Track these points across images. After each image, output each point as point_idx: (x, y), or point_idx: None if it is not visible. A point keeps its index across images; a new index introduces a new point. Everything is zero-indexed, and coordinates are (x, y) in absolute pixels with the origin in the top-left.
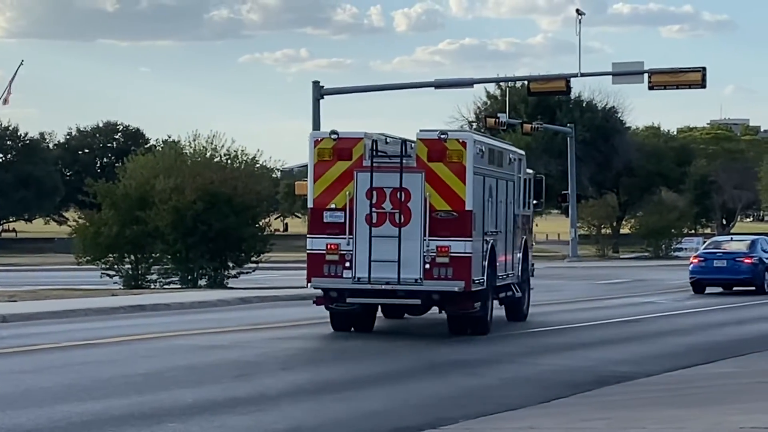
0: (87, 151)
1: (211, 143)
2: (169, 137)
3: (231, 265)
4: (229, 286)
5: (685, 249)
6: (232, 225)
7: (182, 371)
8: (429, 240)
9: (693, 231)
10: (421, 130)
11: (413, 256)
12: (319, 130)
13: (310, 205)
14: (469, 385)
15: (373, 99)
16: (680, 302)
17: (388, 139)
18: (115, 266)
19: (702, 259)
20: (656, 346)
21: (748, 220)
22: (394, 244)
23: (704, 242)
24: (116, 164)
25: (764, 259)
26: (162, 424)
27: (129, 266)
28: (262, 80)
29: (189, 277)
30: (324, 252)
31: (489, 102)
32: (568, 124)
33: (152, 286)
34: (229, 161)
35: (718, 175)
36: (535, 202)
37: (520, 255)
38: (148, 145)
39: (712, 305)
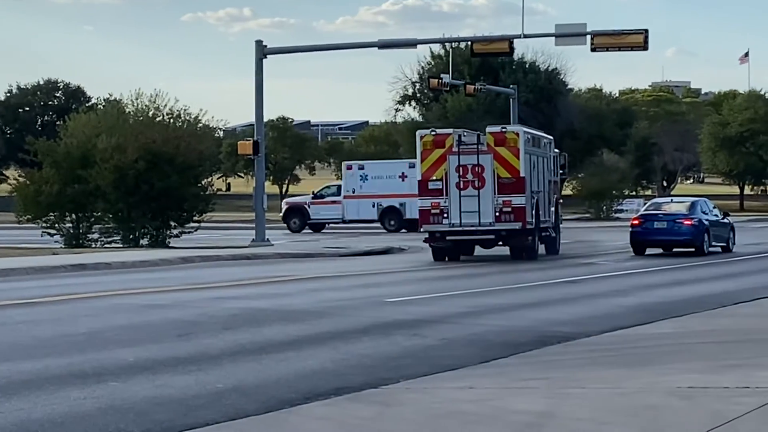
0: (27, 108)
1: (154, 102)
2: (111, 96)
3: (173, 224)
4: (170, 245)
5: (626, 210)
6: (174, 184)
7: (124, 330)
8: (498, 197)
9: (634, 193)
10: (489, 126)
11: (488, 208)
12: (262, 90)
13: (418, 178)
14: (411, 345)
15: (317, 59)
16: (621, 263)
17: (467, 133)
18: (56, 225)
19: (642, 220)
20: (596, 307)
21: (688, 182)
22: (475, 201)
23: (645, 204)
24: (57, 122)
25: (704, 221)
26: (103, 383)
27: (70, 225)
28: (204, 39)
29: (130, 237)
30: (429, 208)
31: (433, 63)
32: (511, 86)
33: (93, 245)
34: (171, 120)
35: (659, 138)
36: (561, 171)
37: (553, 208)
38: (90, 103)
39: (652, 266)
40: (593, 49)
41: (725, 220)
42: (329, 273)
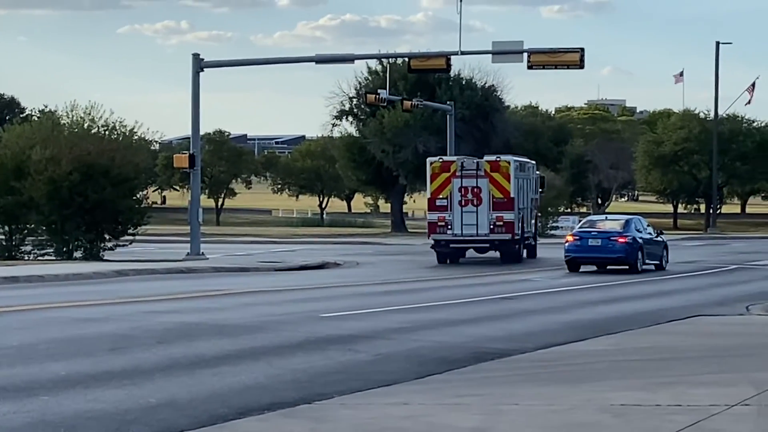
0: None
1: (89, 114)
2: (46, 107)
3: (107, 237)
4: (105, 258)
5: (561, 228)
6: (109, 197)
7: (56, 344)
8: (492, 213)
9: (569, 210)
10: (485, 155)
11: (484, 221)
12: (198, 103)
13: (428, 196)
14: (346, 360)
15: (254, 73)
16: (555, 280)
17: (468, 160)
18: None
19: (577, 237)
20: (531, 323)
21: (623, 199)
22: (474, 216)
23: (580, 221)
24: None
25: (638, 239)
26: (34, 396)
27: (2, 237)
28: (141, 52)
29: (64, 249)
30: (437, 221)
31: (370, 78)
32: (448, 102)
33: (26, 258)
34: (106, 132)
35: (595, 155)
36: (540, 190)
37: (533, 221)
38: (24, 114)
39: (587, 283)
40: (530, 67)
41: (659, 238)
42: (264, 287)
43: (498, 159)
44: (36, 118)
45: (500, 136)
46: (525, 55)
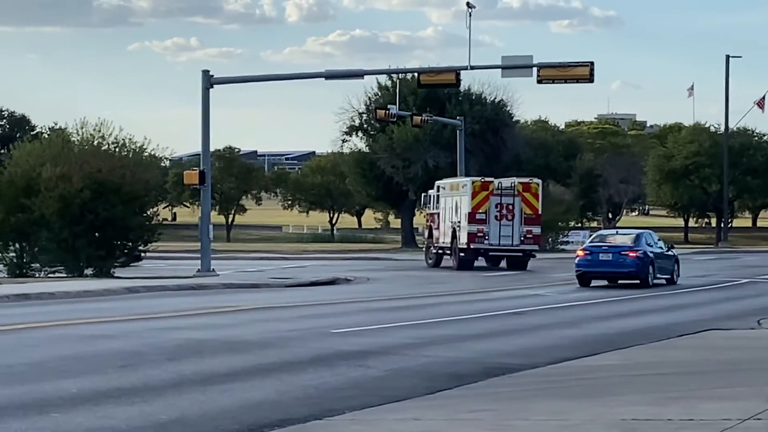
0: None
1: (99, 131)
2: (56, 124)
3: (118, 254)
4: (115, 275)
5: (572, 242)
6: (120, 214)
7: (66, 361)
8: (523, 227)
9: (579, 224)
10: (518, 177)
11: (516, 234)
12: (208, 119)
13: (468, 210)
14: (356, 376)
15: (264, 89)
16: (566, 295)
17: (504, 181)
18: (0, 254)
19: (588, 252)
20: (542, 338)
21: (633, 214)
22: (508, 228)
23: (590, 235)
24: (1, 151)
25: (648, 253)
26: (45, 414)
27: (14, 254)
28: (151, 68)
29: (75, 266)
30: (476, 232)
31: (380, 93)
32: (458, 117)
33: (37, 275)
34: (117, 149)
35: (605, 169)
36: None
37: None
38: (35, 132)
39: (598, 298)
40: (539, 81)
41: (670, 253)
42: (274, 304)
43: (530, 181)
44: (46, 136)
45: (510, 150)
46: (534, 69)
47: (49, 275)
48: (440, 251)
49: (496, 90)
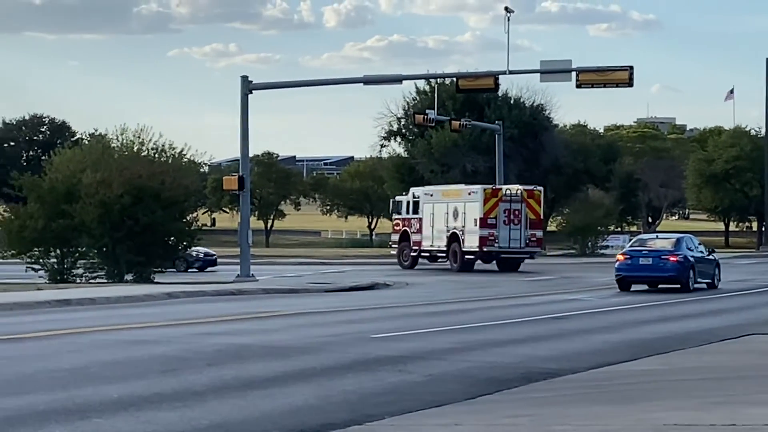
0: (12, 143)
1: (139, 137)
2: (96, 131)
3: (158, 260)
4: (155, 280)
5: (611, 247)
6: (160, 219)
7: (108, 366)
8: (528, 230)
9: (619, 229)
10: (523, 185)
11: (523, 237)
12: (247, 125)
13: (481, 215)
14: (396, 381)
15: (303, 95)
16: (606, 299)
17: (511, 189)
18: (41, 260)
19: (628, 256)
20: (582, 343)
21: (673, 218)
22: (517, 232)
23: (630, 240)
24: (42, 157)
25: (689, 257)
26: (87, 419)
27: (55, 260)
28: (190, 74)
29: (115, 272)
30: (487, 236)
31: (418, 98)
32: (496, 121)
33: (78, 281)
34: (156, 155)
35: (644, 173)
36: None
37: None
38: (75, 138)
39: (638, 303)
40: (578, 86)
41: (711, 257)
42: (314, 309)
43: (534, 188)
44: (86, 142)
45: (549, 154)
46: (573, 73)
47: (90, 281)
48: (421, 254)
49: (534, 94)
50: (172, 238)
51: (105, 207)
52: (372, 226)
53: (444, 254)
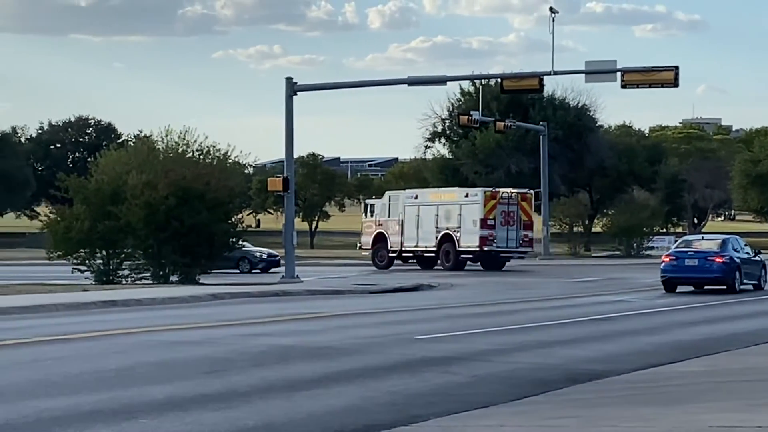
0: (59, 145)
1: (184, 138)
2: (142, 132)
3: (203, 261)
4: (200, 282)
5: (657, 248)
6: (205, 221)
7: (153, 367)
8: (521, 231)
9: (664, 230)
10: (517, 189)
11: (517, 237)
12: (292, 126)
13: (481, 217)
14: (441, 382)
15: (347, 96)
16: (651, 301)
17: (508, 191)
18: (87, 261)
19: (673, 257)
20: (627, 345)
21: (719, 219)
22: (513, 233)
23: (676, 241)
24: (88, 159)
25: (735, 258)
26: (132, 420)
27: (100, 261)
28: (234, 76)
29: (160, 273)
30: (487, 236)
31: (462, 99)
32: (541, 122)
33: (124, 282)
34: (201, 157)
35: (690, 174)
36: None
37: None
38: (121, 140)
39: (683, 304)
40: (623, 86)
41: (757, 258)
42: (358, 310)
43: (527, 192)
44: (132, 144)
45: (594, 155)
46: (618, 74)
47: (135, 282)
48: (402, 254)
49: (579, 95)
50: (217, 240)
51: (150, 208)
52: None
53: (432, 254)
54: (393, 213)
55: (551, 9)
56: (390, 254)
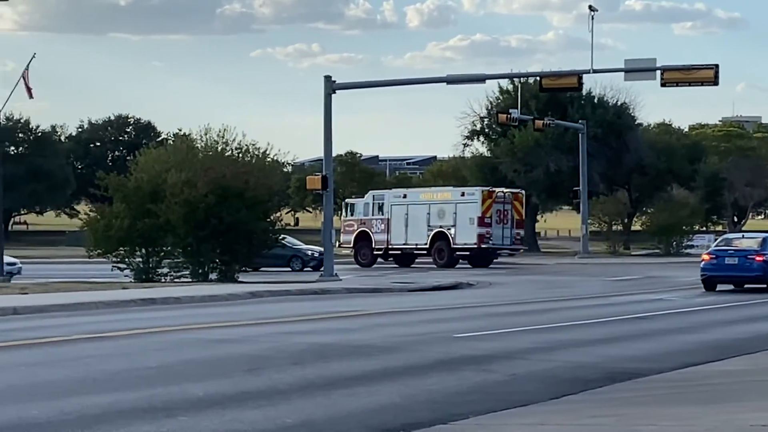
0: (98, 144)
1: (223, 137)
2: (181, 131)
3: (241, 259)
4: (239, 280)
5: (696, 246)
6: (243, 219)
7: (192, 365)
8: (514, 229)
9: (704, 228)
10: (510, 189)
11: (511, 235)
12: (330, 125)
13: (479, 215)
14: (480, 380)
15: (385, 94)
16: (691, 299)
17: (502, 191)
18: (126, 259)
19: (713, 256)
20: (667, 343)
21: (759, 217)
22: (507, 231)
23: (715, 239)
24: (128, 157)
25: None
26: (172, 417)
27: (140, 259)
28: (273, 74)
29: (200, 271)
30: (485, 233)
31: (501, 98)
32: (580, 121)
33: (163, 280)
34: (240, 155)
35: (730, 172)
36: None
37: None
38: (160, 138)
39: (723, 302)
40: (663, 84)
41: None
42: (397, 308)
43: (518, 191)
44: (171, 142)
45: (633, 154)
46: (658, 72)
47: (174, 280)
48: (389, 252)
49: (618, 93)
50: (255, 238)
51: (190, 206)
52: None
53: (423, 251)
54: (377, 212)
55: (590, 7)
56: (374, 252)
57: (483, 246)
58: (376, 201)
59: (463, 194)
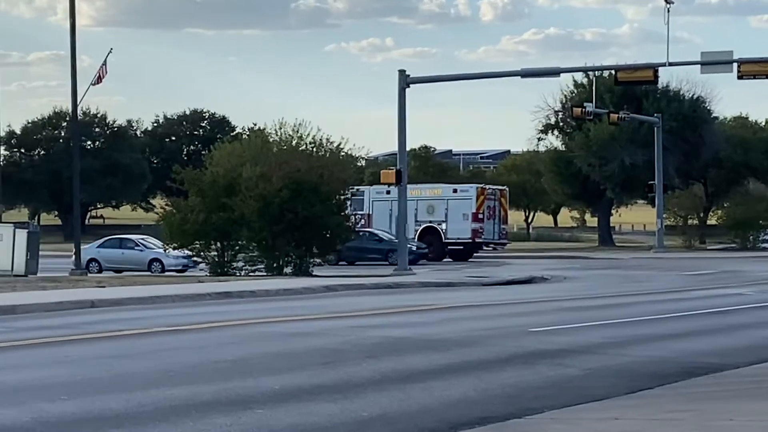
0: (174, 138)
1: (297, 131)
2: (255, 125)
3: (316, 252)
4: (314, 273)
5: None
6: (318, 213)
7: (268, 358)
8: (500, 225)
9: None
10: (499, 186)
11: (498, 230)
12: (405, 119)
13: (473, 210)
14: (554, 375)
15: (459, 88)
16: (767, 294)
17: (492, 188)
18: (202, 253)
19: None
20: (744, 338)
21: None
22: (496, 226)
23: None
24: (202, 152)
25: None
26: (249, 410)
27: (215, 253)
28: (347, 69)
29: (274, 265)
30: (478, 228)
31: (576, 91)
32: (655, 114)
33: (238, 274)
34: (314, 149)
35: None
36: None
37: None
38: (235, 132)
39: None
40: (740, 77)
41: None
42: (471, 302)
43: (503, 188)
44: (246, 137)
45: (709, 148)
46: (735, 65)
47: (249, 274)
48: None
49: (694, 86)
50: (330, 232)
51: (264, 200)
52: (529, 220)
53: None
54: (357, 207)
55: (666, 0)
56: None
57: (477, 240)
58: (356, 197)
59: (455, 191)
